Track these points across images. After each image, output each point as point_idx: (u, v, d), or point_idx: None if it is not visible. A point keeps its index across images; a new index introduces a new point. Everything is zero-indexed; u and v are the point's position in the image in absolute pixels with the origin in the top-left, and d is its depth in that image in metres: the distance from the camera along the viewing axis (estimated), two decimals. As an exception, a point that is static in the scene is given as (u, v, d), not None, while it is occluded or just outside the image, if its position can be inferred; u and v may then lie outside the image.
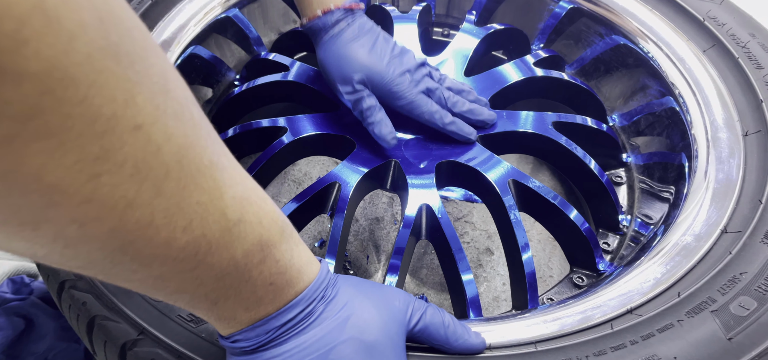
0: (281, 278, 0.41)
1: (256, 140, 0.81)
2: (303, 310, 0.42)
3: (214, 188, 0.33)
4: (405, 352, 0.47)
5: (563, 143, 0.78)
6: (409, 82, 0.75)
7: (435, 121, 0.76)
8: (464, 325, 0.51)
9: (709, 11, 0.84)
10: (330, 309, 0.44)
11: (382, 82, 0.74)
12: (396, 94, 0.74)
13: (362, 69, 0.73)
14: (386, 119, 0.75)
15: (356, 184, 0.73)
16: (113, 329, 0.52)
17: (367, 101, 0.74)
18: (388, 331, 0.45)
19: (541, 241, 1.05)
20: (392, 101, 0.75)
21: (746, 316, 0.52)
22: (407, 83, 0.74)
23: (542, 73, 0.88)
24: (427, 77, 0.78)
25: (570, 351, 0.51)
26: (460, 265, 0.68)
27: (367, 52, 0.74)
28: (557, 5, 0.97)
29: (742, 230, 0.61)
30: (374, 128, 0.74)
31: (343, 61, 0.73)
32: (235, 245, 0.36)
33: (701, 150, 0.72)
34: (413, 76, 0.75)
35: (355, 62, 0.73)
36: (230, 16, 0.93)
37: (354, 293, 0.46)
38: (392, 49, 0.76)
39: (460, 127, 0.77)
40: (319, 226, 1.06)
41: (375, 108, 0.74)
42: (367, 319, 0.44)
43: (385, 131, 0.74)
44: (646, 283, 0.58)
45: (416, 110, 0.75)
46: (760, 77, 0.75)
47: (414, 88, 0.75)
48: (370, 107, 0.74)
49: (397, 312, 0.47)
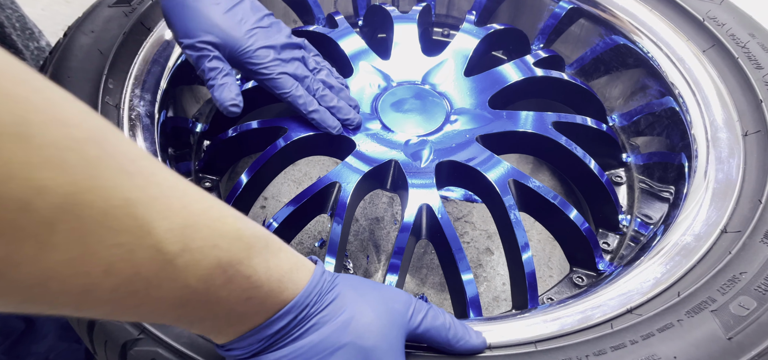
0: (259, 292, 0.40)
1: (256, 140, 0.81)
2: (296, 317, 0.42)
3: (137, 227, 0.31)
4: (404, 355, 0.47)
5: (563, 143, 0.78)
6: (271, 58, 0.68)
7: (298, 105, 0.72)
8: (465, 326, 0.51)
9: (709, 11, 0.84)
10: (327, 312, 0.43)
11: (236, 51, 0.66)
12: (254, 68, 0.68)
13: (213, 29, 0.65)
14: (233, 85, 0.67)
15: (356, 184, 0.73)
16: (114, 329, 0.52)
17: (213, 62, 0.66)
18: (387, 335, 0.45)
19: (541, 241, 1.05)
20: (252, 75, 0.69)
21: (746, 315, 0.52)
22: (268, 59, 0.68)
23: (542, 73, 0.88)
24: (299, 62, 0.72)
25: (570, 350, 0.51)
26: (460, 265, 0.69)
27: (222, 11, 0.65)
28: (557, 5, 0.97)
29: (741, 230, 0.61)
30: (214, 91, 0.67)
31: (191, 15, 0.64)
32: (184, 275, 0.34)
33: (701, 150, 0.72)
34: (279, 55, 0.69)
35: (205, 20, 0.65)
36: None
37: (353, 296, 0.45)
38: (260, 19, 0.68)
39: (323, 117, 0.74)
40: (320, 226, 1.06)
41: (221, 72, 0.67)
42: (366, 323, 0.44)
43: (225, 95, 0.67)
44: (646, 283, 0.58)
45: (278, 89, 0.70)
46: (760, 77, 0.75)
47: (277, 67, 0.68)
48: (215, 69, 0.66)
49: (397, 314, 0.46)
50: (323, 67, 0.77)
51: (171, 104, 0.83)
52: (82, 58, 0.76)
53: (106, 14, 0.82)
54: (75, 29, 0.79)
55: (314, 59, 0.77)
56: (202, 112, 0.92)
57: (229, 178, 0.93)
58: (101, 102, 0.71)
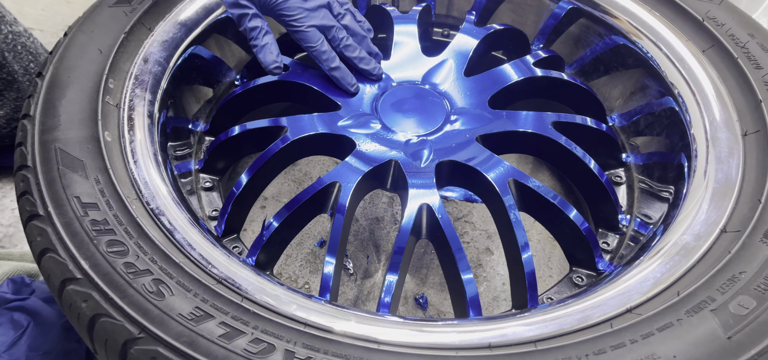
0: None
1: (256, 140, 0.81)
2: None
3: None
4: None
5: (563, 143, 0.78)
6: (300, 9, 0.70)
7: (321, 61, 0.74)
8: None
9: (709, 11, 0.84)
10: None
11: (269, 2, 0.70)
12: (285, 20, 0.70)
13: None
14: (273, 45, 0.71)
15: (356, 184, 0.74)
16: (114, 328, 0.52)
17: (253, 21, 0.70)
18: None
19: (541, 241, 1.05)
20: (283, 25, 0.72)
21: (745, 315, 0.52)
22: (299, 11, 0.70)
23: (542, 73, 0.88)
24: (325, 10, 0.74)
25: (570, 350, 0.51)
26: (460, 265, 0.69)
27: None
28: (557, 6, 0.97)
29: (741, 230, 0.61)
30: (258, 53, 0.71)
31: None
32: None
33: (700, 150, 0.72)
34: (306, 4, 0.71)
35: None
36: (230, 17, 0.93)
37: None
38: None
39: (343, 75, 0.76)
40: (320, 226, 1.06)
41: (261, 31, 0.70)
42: None
43: (269, 58, 0.71)
44: (646, 283, 0.58)
45: (305, 43, 0.73)
46: (759, 77, 0.75)
47: (306, 19, 0.71)
48: (256, 28, 0.70)
49: None
50: (347, 11, 0.78)
51: (171, 104, 0.83)
52: (83, 57, 0.76)
53: (107, 14, 0.82)
54: (75, 29, 0.79)
55: (338, 2, 0.77)
56: (203, 112, 0.93)
57: (229, 178, 0.94)
58: (101, 102, 0.71)
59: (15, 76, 1.02)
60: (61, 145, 0.66)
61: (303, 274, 1.00)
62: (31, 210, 0.60)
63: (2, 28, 0.98)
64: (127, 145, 0.69)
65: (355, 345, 0.51)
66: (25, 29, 1.06)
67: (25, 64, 1.04)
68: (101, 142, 0.67)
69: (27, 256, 0.93)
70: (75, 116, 0.69)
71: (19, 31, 1.03)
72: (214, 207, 0.83)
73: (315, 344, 0.51)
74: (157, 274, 0.55)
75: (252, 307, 0.54)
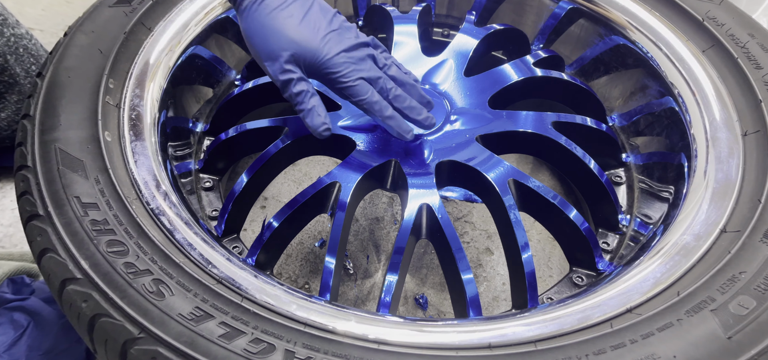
0: None
1: (256, 140, 0.81)
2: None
3: None
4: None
5: (563, 143, 0.78)
6: (347, 64, 0.66)
7: (374, 111, 0.69)
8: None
9: (709, 11, 0.84)
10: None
11: (315, 61, 0.65)
12: (332, 78, 0.66)
13: (291, 44, 0.64)
14: (320, 107, 0.67)
15: (356, 184, 0.74)
16: (114, 328, 0.52)
17: (299, 85, 0.65)
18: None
19: (541, 241, 1.05)
20: (327, 84, 0.68)
21: (745, 315, 0.52)
22: (345, 66, 0.66)
23: (542, 73, 0.88)
24: (370, 60, 0.70)
25: (570, 350, 0.51)
26: (460, 265, 0.69)
27: (297, 23, 0.64)
28: (557, 6, 0.97)
29: (741, 230, 0.61)
30: (306, 117, 0.66)
31: (269, 34, 0.64)
32: None
33: (700, 150, 0.72)
34: (351, 56, 0.67)
35: (283, 36, 0.64)
36: (230, 16, 0.93)
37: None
38: (330, 22, 0.67)
39: (398, 123, 0.71)
40: (320, 226, 1.06)
41: (307, 93, 0.66)
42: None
43: (317, 122, 0.66)
44: (646, 283, 0.58)
45: (355, 97, 0.68)
46: (759, 77, 0.75)
47: (354, 73, 0.66)
48: (302, 93, 0.66)
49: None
50: (392, 64, 0.73)
51: (171, 104, 0.83)
52: (83, 57, 0.76)
53: (107, 14, 0.82)
54: (75, 29, 0.79)
55: (383, 56, 0.73)
56: (202, 112, 0.93)
57: (229, 178, 0.94)
58: (102, 102, 0.71)
59: (17, 78, 1.02)
60: (61, 145, 0.66)
61: (303, 274, 1.00)
62: (31, 210, 0.60)
63: (5, 31, 0.98)
64: (127, 145, 0.69)
65: (355, 345, 0.51)
66: (27, 31, 1.06)
67: (27, 67, 1.04)
68: (101, 142, 0.67)
69: (27, 256, 0.93)
70: (75, 116, 0.69)
71: (21, 33, 1.03)
72: (214, 207, 0.83)
73: (315, 344, 0.51)
74: (157, 274, 0.55)
75: (252, 307, 0.54)
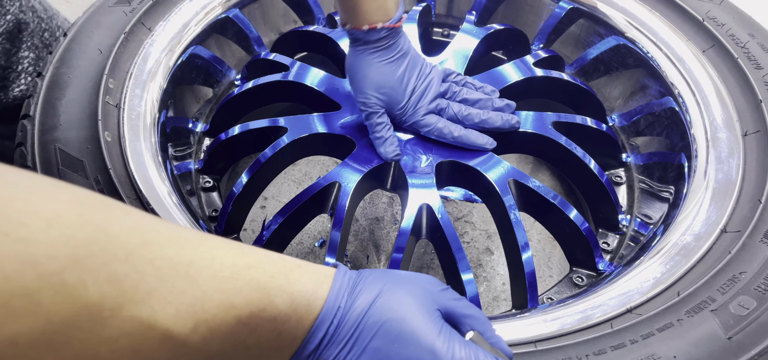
0: (287, 325, 0.40)
1: (256, 140, 0.81)
2: (329, 326, 0.42)
3: (137, 326, 0.33)
4: (443, 324, 0.44)
5: (563, 143, 0.78)
6: (431, 117, 0.77)
7: (444, 135, 0.77)
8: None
9: (709, 11, 0.84)
10: (359, 304, 0.43)
11: (396, 110, 0.76)
12: (407, 124, 0.78)
13: (384, 92, 0.75)
14: (393, 138, 0.76)
15: (356, 184, 0.74)
16: (114, 328, 0.52)
17: (380, 118, 0.75)
18: (420, 304, 0.44)
19: (541, 241, 1.05)
20: (401, 125, 0.78)
21: (746, 315, 0.52)
22: (420, 114, 0.77)
23: (542, 73, 0.88)
24: (441, 98, 0.79)
25: (570, 350, 0.51)
26: (460, 265, 0.69)
27: (394, 77, 0.75)
28: (557, 6, 0.97)
29: (741, 230, 0.61)
30: (379, 144, 0.76)
31: (369, 77, 0.74)
32: (204, 345, 0.36)
33: (701, 150, 0.72)
34: (428, 106, 0.77)
35: (379, 83, 0.74)
36: (230, 16, 0.93)
37: (380, 279, 0.45)
38: (417, 76, 0.77)
39: (468, 137, 0.77)
40: (320, 226, 1.06)
41: (385, 126, 0.76)
42: (397, 298, 0.43)
43: (389, 150, 0.75)
44: (646, 283, 0.58)
45: (423, 129, 0.78)
46: (760, 77, 0.75)
47: (436, 123, 0.77)
48: (381, 124, 0.75)
49: (427, 284, 0.46)
50: (461, 87, 0.81)
51: (171, 104, 0.83)
52: (83, 57, 0.76)
53: (107, 14, 0.82)
54: (75, 29, 0.79)
55: (454, 82, 0.81)
56: (202, 112, 0.93)
57: (229, 178, 0.94)
58: (101, 102, 0.71)
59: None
60: (61, 145, 0.66)
61: (303, 274, 0.99)
62: (31, 210, 0.60)
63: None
64: (127, 145, 0.69)
65: (355, 345, 0.51)
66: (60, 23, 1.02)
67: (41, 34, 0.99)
68: (101, 142, 0.67)
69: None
70: (75, 116, 0.69)
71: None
72: (214, 207, 0.83)
73: (315, 344, 0.51)
74: (157, 274, 0.55)
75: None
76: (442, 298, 0.46)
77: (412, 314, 0.43)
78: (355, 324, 0.42)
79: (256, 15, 0.99)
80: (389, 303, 0.43)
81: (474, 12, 1.02)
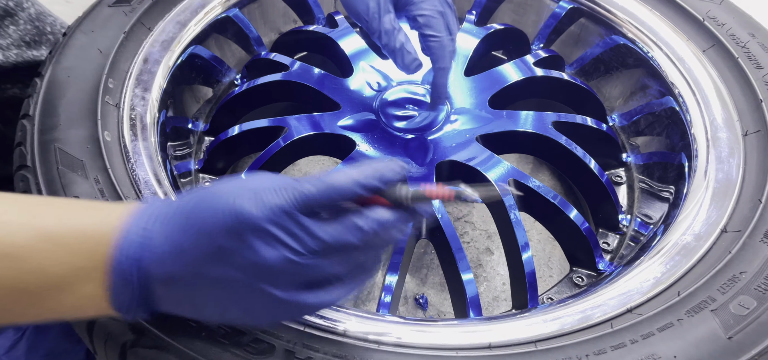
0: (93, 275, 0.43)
1: (256, 140, 0.81)
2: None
3: None
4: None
5: (563, 143, 0.78)
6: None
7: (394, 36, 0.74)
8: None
9: (709, 11, 0.84)
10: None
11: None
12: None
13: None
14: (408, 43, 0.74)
15: (356, 184, 0.73)
16: (114, 328, 0.52)
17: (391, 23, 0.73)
18: (266, 182, 0.42)
19: (541, 241, 1.05)
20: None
21: (746, 315, 0.52)
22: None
23: (542, 73, 0.88)
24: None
25: (570, 350, 0.51)
26: (460, 265, 0.69)
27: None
28: (557, 5, 0.97)
29: (741, 229, 0.61)
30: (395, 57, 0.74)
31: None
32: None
33: (701, 149, 0.72)
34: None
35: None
36: (230, 16, 0.93)
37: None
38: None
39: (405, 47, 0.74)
40: (319, 225, 1.06)
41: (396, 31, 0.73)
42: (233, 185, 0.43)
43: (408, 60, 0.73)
44: (646, 283, 0.58)
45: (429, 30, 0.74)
46: (760, 77, 0.75)
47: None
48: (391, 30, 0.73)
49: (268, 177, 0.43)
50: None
51: (171, 104, 0.83)
52: (82, 57, 0.76)
53: (106, 14, 0.82)
54: (75, 29, 0.79)
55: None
56: (202, 112, 0.93)
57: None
58: (101, 102, 0.71)
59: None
60: (61, 145, 0.66)
61: (303, 274, 0.99)
62: (31, 210, 0.60)
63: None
64: (126, 144, 0.69)
65: (355, 345, 0.51)
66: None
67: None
68: (101, 142, 0.67)
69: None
70: (74, 116, 0.69)
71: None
72: (213, 207, 0.83)
73: (315, 344, 0.51)
74: (156, 274, 0.55)
75: (252, 307, 0.53)
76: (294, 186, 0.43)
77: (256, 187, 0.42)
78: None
79: (255, 15, 0.99)
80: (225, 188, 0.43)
81: (474, 11, 1.02)
